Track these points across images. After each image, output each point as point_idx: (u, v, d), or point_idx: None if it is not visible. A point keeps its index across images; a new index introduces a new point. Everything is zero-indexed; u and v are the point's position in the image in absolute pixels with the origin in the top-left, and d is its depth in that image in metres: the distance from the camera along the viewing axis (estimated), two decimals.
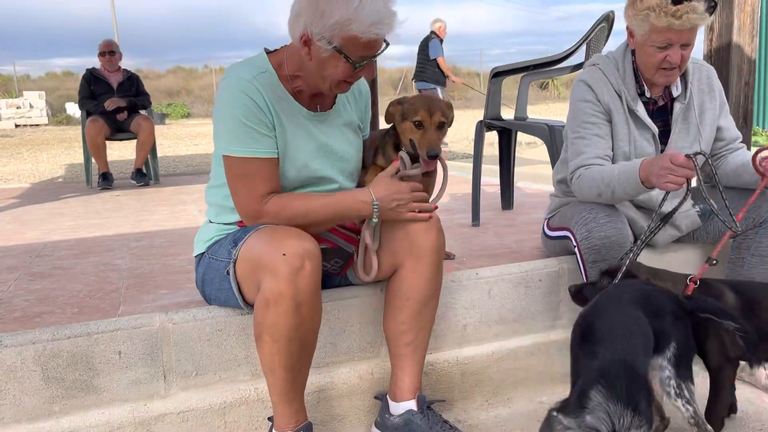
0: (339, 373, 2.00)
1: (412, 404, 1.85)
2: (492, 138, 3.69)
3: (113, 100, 5.83)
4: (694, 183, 1.90)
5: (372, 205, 1.74)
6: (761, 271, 2.12)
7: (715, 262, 1.85)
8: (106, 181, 5.75)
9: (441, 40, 9.61)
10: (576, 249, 2.12)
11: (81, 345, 1.73)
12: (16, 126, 20.49)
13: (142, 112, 6.11)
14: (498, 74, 3.27)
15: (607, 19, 3.19)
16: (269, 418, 1.72)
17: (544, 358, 2.24)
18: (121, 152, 10.21)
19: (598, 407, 1.30)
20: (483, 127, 3.34)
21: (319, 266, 1.63)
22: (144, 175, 5.93)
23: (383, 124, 2.01)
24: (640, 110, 2.16)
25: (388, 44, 1.70)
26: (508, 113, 3.58)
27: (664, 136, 2.22)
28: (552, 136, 3.01)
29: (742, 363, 1.88)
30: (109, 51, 5.98)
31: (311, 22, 1.62)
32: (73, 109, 23.43)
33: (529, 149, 8.13)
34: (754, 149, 2.12)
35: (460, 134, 13.17)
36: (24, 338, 1.69)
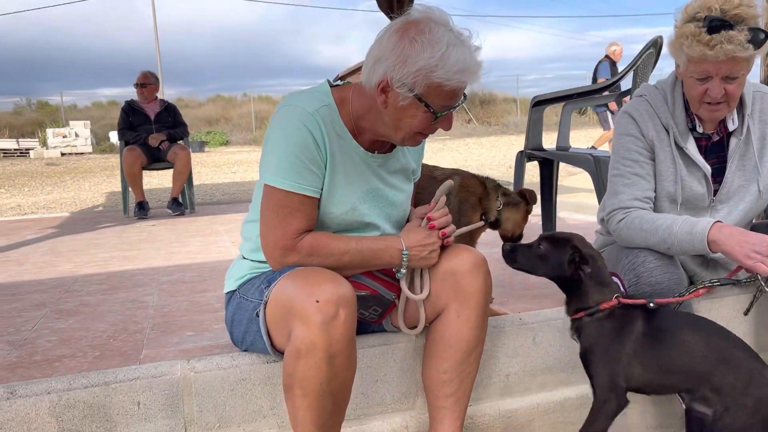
0: (371, 426, 1.86)
1: None
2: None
3: (154, 136, 5.89)
4: None
5: (402, 253, 1.63)
6: None
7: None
8: (142, 210, 5.77)
9: (613, 63, 9.93)
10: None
11: (98, 395, 1.63)
12: (62, 154, 21.09)
13: (180, 141, 6.15)
14: (539, 103, 3.13)
15: (655, 45, 3.04)
16: None
17: None
18: (160, 180, 10.35)
19: None
20: (524, 157, 3.20)
21: (354, 314, 1.51)
22: (180, 204, 5.94)
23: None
24: (691, 148, 1.96)
25: (465, 97, 1.59)
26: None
27: (719, 174, 2.02)
28: (597, 167, 2.85)
29: None
30: (141, 83, 6.07)
31: (393, 67, 1.50)
32: (117, 137, 24.07)
33: (571, 177, 7.91)
34: None
35: (497, 160, 13.02)
36: (39, 388, 1.60)
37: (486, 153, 15.63)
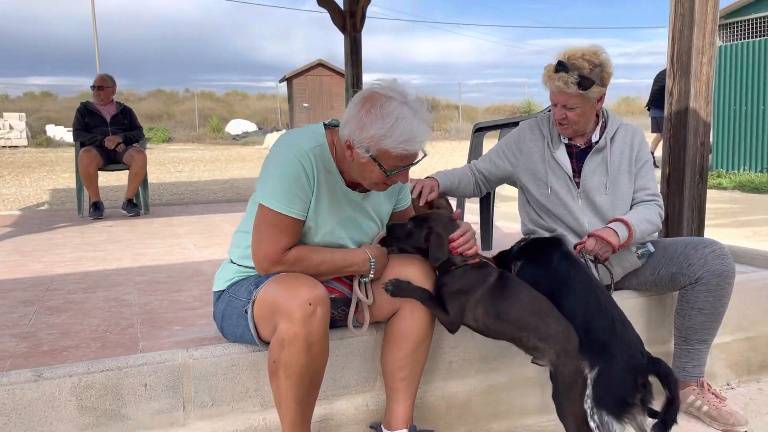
0: (338, 405, 2.23)
1: None
2: None
3: (110, 139, 6.02)
4: None
5: (370, 261, 2.03)
6: (699, 321, 2.46)
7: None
8: (98, 210, 5.89)
9: None
10: None
11: (112, 378, 1.93)
12: None
13: (135, 144, 6.30)
14: (480, 129, 3.57)
15: None
16: None
17: (520, 392, 2.49)
18: (108, 178, 10.31)
19: None
20: None
21: (328, 311, 1.88)
22: (135, 205, 6.08)
23: None
24: (558, 153, 2.61)
25: (425, 154, 1.97)
26: None
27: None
28: None
29: None
30: (98, 86, 6.19)
31: (353, 131, 1.88)
32: (54, 132, 23.28)
33: (507, 187, 8.44)
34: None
35: (441, 165, 13.52)
36: (62, 371, 1.89)
37: (428, 159, 16.10)
